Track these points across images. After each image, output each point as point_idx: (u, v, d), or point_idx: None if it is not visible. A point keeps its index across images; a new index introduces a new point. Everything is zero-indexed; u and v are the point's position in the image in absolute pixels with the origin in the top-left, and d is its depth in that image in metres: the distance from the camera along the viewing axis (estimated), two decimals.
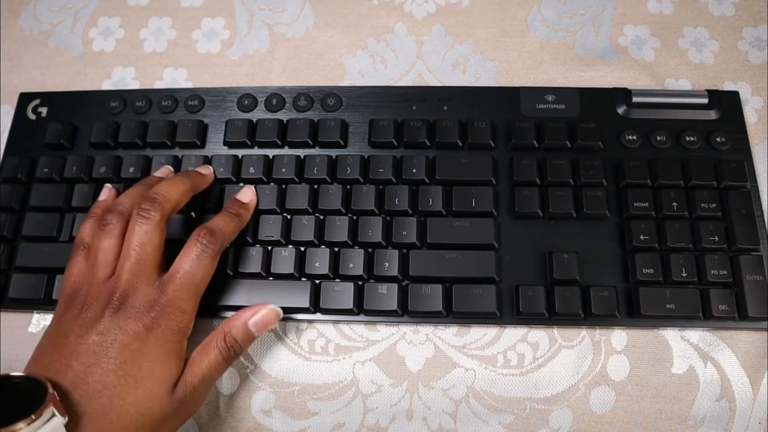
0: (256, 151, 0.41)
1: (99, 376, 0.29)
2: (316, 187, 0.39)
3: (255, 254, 0.38)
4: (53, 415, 0.26)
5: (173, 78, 0.46)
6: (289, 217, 0.39)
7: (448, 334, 0.38)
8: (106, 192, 0.38)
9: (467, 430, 0.36)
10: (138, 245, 0.32)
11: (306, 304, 0.37)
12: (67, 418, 0.26)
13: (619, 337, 0.37)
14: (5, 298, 0.39)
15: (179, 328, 0.32)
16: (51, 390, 0.26)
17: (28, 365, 0.30)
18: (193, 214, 0.39)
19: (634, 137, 0.40)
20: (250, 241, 0.38)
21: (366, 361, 0.38)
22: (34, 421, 0.25)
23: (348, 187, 0.39)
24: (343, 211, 0.38)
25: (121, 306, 0.31)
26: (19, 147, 0.43)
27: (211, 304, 0.37)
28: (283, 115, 0.42)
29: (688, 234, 0.37)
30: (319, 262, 0.37)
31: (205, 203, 0.39)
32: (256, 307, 0.35)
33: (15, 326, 0.40)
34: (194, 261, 0.33)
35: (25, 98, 0.45)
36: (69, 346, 0.30)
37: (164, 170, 0.39)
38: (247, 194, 0.38)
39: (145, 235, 0.32)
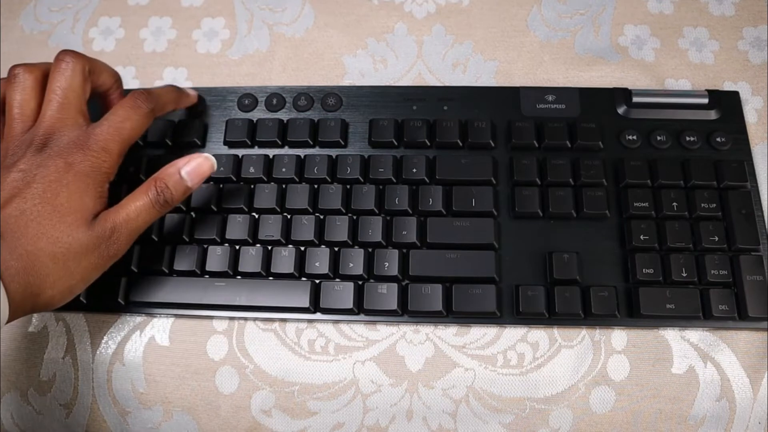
0: (256, 150, 0.41)
1: (17, 203, 0.29)
2: (316, 186, 0.39)
3: (255, 254, 0.38)
4: None
5: (173, 78, 0.46)
6: (289, 216, 0.39)
7: (448, 333, 0.38)
8: None
9: (467, 430, 0.36)
10: (59, 89, 0.32)
11: (306, 303, 0.37)
12: None
13: (619, 337, 0.37)
14: None
15: (101, 168, 0.32)
16: None
17: None
18: (193, 214, 0.39)
19: (634, 137, 0.40)
20: (250, 240, 0.38)
21: (366, 360, 0.38)
22: None
23: (348, 186, 0.39)
24: (343, 211, 0.38)
25: (44, 146, 0.31)
26: None
27: (211, 304, 0.37)
28: (283, 115, 0.42)
29: (688, 234, 0.37)
30: (319, 261, 0.37)
31: (206, 204, 0.39)
32: (189, 156, 0.34)
33: (15, 326, 0.40)
34: (127, 111, 0.33)
35: None
36: None
37: None
38: (191, 90, 0.41)
39: (65, 79, 0.32)
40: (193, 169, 0.34)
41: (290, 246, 0.38)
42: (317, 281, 0.37)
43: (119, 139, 0.33)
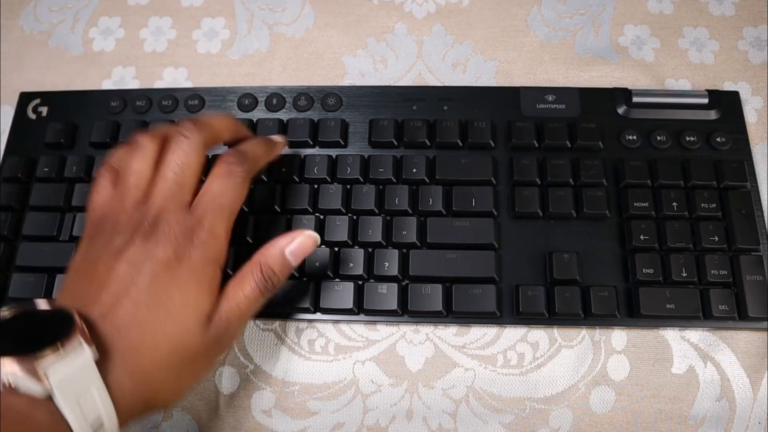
0: None
1: (129, 308, 0.27)
2: (316, 186, 0.39)
3: None
4: (81, 347, 0.24)
5: (173, 78, 0.46)
6: (289, 216, 0.39)
7: (448, 333, 0.38)
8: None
9: (467, 430, 0.36)
10: (177, 166, 0.30)
11: (306, 303, 0.37)
12: (97, 354, 0.25)
13: (619, 337, 0.37)
14: (5, 298, 0.39)
15: (212, 257, 0.29)
16: (78, 321, 0.25)
17: (57, 296, 0.29)
18: None
19: (634, 137, 0.40)
20: (251, 240, 0.38)
21: (366, 360, 0.38)
22: (59, 349, 0.23)
23: (348, 186, 0.39)
24: (343, 211, 0.38)
25: (152, 232, 0.28)
26: (20, 146, 0.43)
27: None
28: (283, 115, 0.42)
29: (688, 234, 0.37)
30: (319, 261, 0.37)
31: None
32: (292, 233, 0.32)
33: None
34: (223, 181, 0.30)
35: (25, 98, 0.45)
36: (97, 276, 0.28)
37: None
38: (278, 136, 0.37)
39: (185, 156, 0.30)
40: (297, 248, 0.31)
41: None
42: (317, 281, 0.37)
43: (222, 218, 0.30)
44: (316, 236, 0.32)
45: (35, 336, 0.24)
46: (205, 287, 0.29)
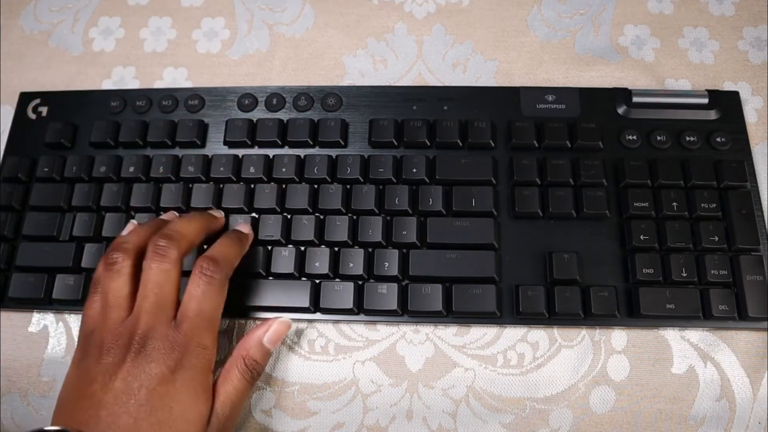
0: (257, 150, 0.41)
1: (129, 425, 0.28)
2: (316, 186, 0.39)
3: (255, 254, 0.38)
4: None
5: (173, 78, 0.46)
6: (289, 216, 0.39)
7: (448, 333, 0.38)
8: (128, 228, 0.36)
9: (467, 430, 0.36)
10: (156, 285, 0.31)
11: (306, 303, 0.37)
12: None
13: (619, 337, 0.37)
14: (5, 298, 0.39)
15: (203, 365, 0.31)
16: None
17: (54, 414, 0.30)
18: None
19: (634, 137, 0.40)
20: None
21: (366, 360, 0.38)
22: None
23: (348, 186, 0.39)
24: (343, 211, 0.38)
25: (142, 349, 0.30)
26: (20, 146, 0.43)
27: None
28: (283, 115, 0.42)
29: (688, 234, 0.37)
30: (319, 261, 0.37)
31: (206, 205, 0.39)
32: (266, 323, 0.35)
33: (15, 326, 0.40)
34: (202, 295, 0.31)
35: (25, 98, 0.45)
36: (95, 395, 0.29)
37: (169, 214, 0.38)
38: (245, 227, 0.38)
39: (163, 274, 0.31)
40: (273, 335, 0.34)
41: (290, 246, 0.38)
42: (317, 281, 0.37)
43: (210, 329, 0.31)
44: (289, 321, 0.35)
45: None
46: (201, 394, 0.30)
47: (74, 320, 0.40)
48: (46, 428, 0.27)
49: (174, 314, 0.31)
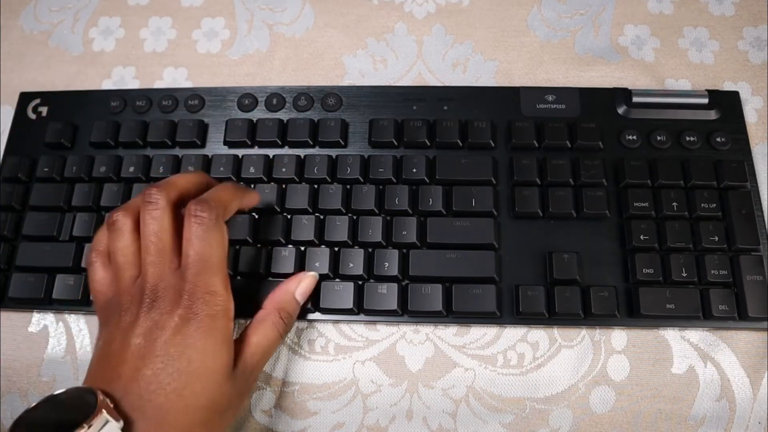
0: (257, 150, 0.41)
1: (151, 377, 0.28)
2: (316, 186, 0.39)
3: (255, 254, 0.38)
4: (107, 422, 0.25)
5: (173, 78, 0.46)
6: (289, 216, 0.39)
7: (448, 333, 0.38)
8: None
9: (467, 430, 0.36)
10: (152, 234, 0.30)
11: (306, 303, 0.37)
12: (122, 422, 0.26)
13: (619, 337, 0.37)
14: (5, 298, 0.39)
15: (217, 311, 0.30)
16: (101, 397, 0.26)
17: (83, 382, 0.30)
18: None
19: (634, 137, 0.40)
20: (251, 241, 0.38)
21: (366, 360, 0.38)
22: (88, 429, 0.25)
23: (348, 186, 0.39)
24: (343, 211, 0.38)
25: (153, 302, 0.29)
26: (20, 146, 0.43)
27: None
28: (283, 115, 0.42)
29: (688, 234, 0.37)
30: (319, 261, 0.37)
31: None
32: (296, 278, 0.36)
33: (15, 326, 0.40)
34: (196, 238, 0.30)
35: (25, 98, 0.45)
36: (114, 354, 0.29)
37: None
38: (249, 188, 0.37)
39: (155, 221, 0.31)
40: (305, 289, 0.36)
41: (290, 246, 0.38)
42: (317, 281, 0.37)
43: (212, 272, 0.30)
44: (316, 275, 0.37)
45: (62, 421, 0.26)
46: (219, 340, 0.30)
47: (74, 320, 0.40)
48: (57, 392, 0.27)
49: (175, 260, 0.31)
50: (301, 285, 0.36)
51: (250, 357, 0.31)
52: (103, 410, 0.25)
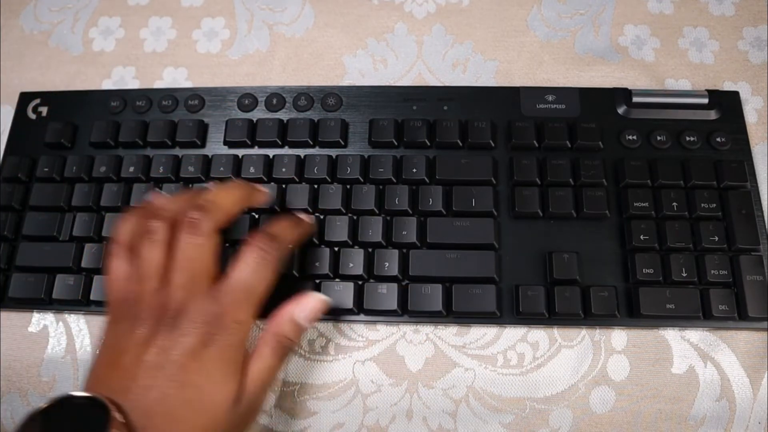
0: (257, 150, 0.41)
1: (159, 398, 0.28)
2: (316, 186, 0.39)
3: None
4: None
5: (173, 78, 0.46)
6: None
7: (448, 333, 0.38)
8: (154, 196, 0.34)
9: (467, 430, 0.36)
10: (188, 260, 0.30)
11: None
12: None
13: (619, 337, 0.37)
14: (5, 298, 0.39)
15: (236, 342, 0.30)
16: (114, 413, 0.26)
17: (86, 381, 0.29)
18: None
19: (634, 137, 0.40)
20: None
21: (366, 360, 0.38)
22: None
23: (348, 186, 0.39)
24: (343, 211, 0.38)
25: (176, 322, 0.29)
26: (20, 146, 0.43)
27: None
28: (283, 115, 0.42)
29: (688, 234, 0.37)
30: (320, 261, 0.37)
31: None
32: (300, 300, 0.33)
33: (15, 326, 0.40)
34: (252, 269, 0.30)
35: (25, 98, 0.45)
36: (126, 366, 0.28)
37: (211, 184, 0.36)
38: (307, 216, 0.37)
39: (195, 249, 0.30)
40: (309, 314, 0.33)
41: (290, 246, 0.38)
42: (317, 281, 0.37)
43: (248, 304, 0.30)
44: (325, 298, 0.34)
45: (72, 428, 0.26)
46: (231, 371, 0.29)
47: (74, 320, 0.40)
48: (75, 393, 0.27)
49: (209, 286, 0.30)
50: (307, 309, 0.33)
51: (252, 387, 0.30)
52: (114, 429, 0.25)
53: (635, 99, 0.40)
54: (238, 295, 0.30)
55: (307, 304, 0.33)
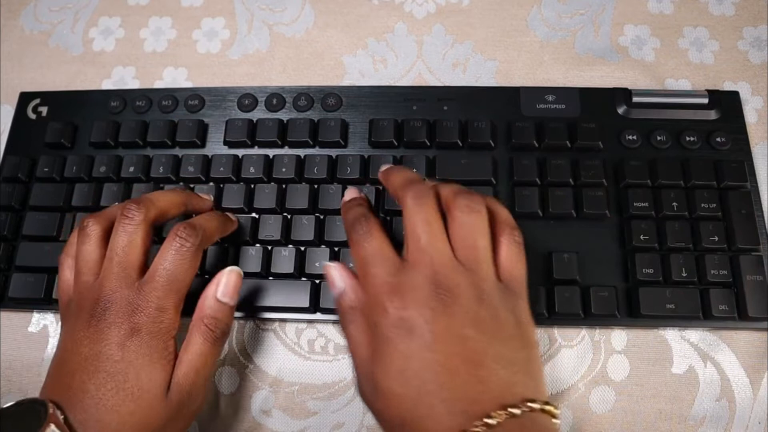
0: (257, 150, 0.41)
1: (93, 392, 0.28)
2: (316, 186, 0.39)
3: (255, 254, 0.38)
4: None
5: (173, 78, 0.46)
6: (289, 216, 0.39)
7: None
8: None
9: None
10: (120, 247, 0.31)
11: (306, 303, 0.37)
12: None
13: (619, 337, 0.37)
14: (5, 298, 0.39)
15: (160, 330, 0.30)
16: (51, 410, 0.26)
17: (43, 384, 0.30)
18: (193, 215, 0.39)
19: (634, 137, 0.40)
20: (250, 241, 0.38)
21: None
22: None
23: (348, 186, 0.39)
24: None
25: (104, 313, 0.29)
26: (20, 146, 0.43)
27: None
28: (283, 115, 0.42)
29: (688, 234, 0.37)
30: (319, 261, 0.37)
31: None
32: (216, 278, 0.33)
33: (15, 326, 0.40)
34: (173, 257, 0.31)
35: (25, 98, 0.45)
36: (66, 362, 0.29)
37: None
38: (231, 215, 0.38)
39: (127, 236, 0.31)
40: (225, 288, 0.33)
41: (290, 246, 0.38)
42: (317, 281, 0.37)
43: (171, 291, 0.30)
44: (238, 269, 0.33)
45: (15, 429, 0.26)
46: (156, 361, 0.29)
47: None
48: (22, 399, 0.28)
49: (138, 277, 0.31)
50: (221, 284, 0.32)
51: (184, 377, 0.30)
52: (52, 424, 0.26)
53: (635, 99, 0.40)
54: (160, 282, 0.30)
55: (223, 280, 0.33)
